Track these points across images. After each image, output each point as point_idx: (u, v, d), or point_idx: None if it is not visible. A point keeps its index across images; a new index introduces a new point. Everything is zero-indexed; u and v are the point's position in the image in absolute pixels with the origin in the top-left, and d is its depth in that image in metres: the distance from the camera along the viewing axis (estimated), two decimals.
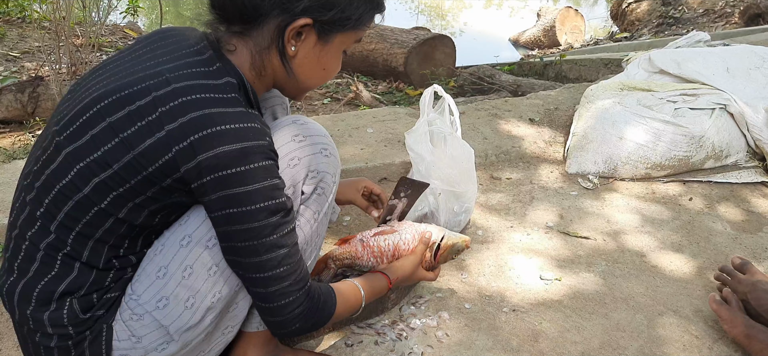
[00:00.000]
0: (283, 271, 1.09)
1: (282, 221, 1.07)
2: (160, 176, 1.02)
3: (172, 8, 8.70)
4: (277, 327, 1.16)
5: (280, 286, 1.10)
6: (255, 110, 1.13)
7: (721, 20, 6.86)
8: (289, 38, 1.11)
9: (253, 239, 1.05)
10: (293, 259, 1.11)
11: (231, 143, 0.99)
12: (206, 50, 1.10)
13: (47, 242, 1.05)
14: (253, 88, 1.13)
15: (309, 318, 1.16)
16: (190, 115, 0.99)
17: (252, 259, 1.07)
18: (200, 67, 1.06)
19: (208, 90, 1.02)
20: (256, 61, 1.13)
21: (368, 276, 1.39)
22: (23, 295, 1.08)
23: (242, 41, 1.12)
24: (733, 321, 1.50)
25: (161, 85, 1.01)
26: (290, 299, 1.12)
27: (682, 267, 1.90)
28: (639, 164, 2.40)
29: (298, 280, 1.12)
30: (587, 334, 1.58)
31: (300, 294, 1.13)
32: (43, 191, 1.05)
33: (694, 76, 2.62)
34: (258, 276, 1.09)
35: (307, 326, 1.17)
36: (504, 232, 2.04)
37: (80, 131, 1.02)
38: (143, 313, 1.11)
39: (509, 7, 12.47)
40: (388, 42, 4.64)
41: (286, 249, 1.09)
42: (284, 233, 1.08)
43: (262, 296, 1.12)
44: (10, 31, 4.62)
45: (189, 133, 0.98)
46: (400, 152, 2.32)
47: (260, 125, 1.05)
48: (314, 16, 1.09)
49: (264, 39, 1.11)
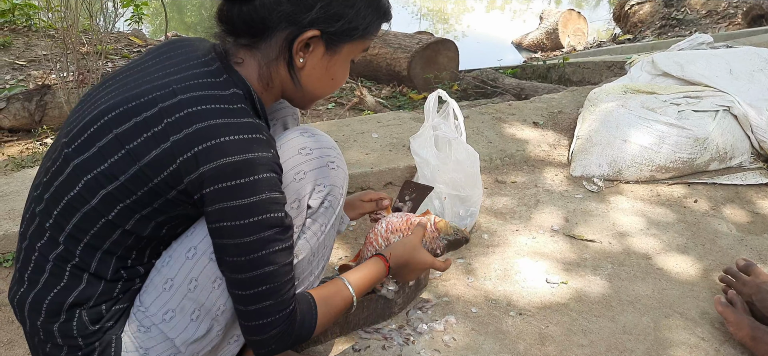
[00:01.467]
0: (266, 290, 1.07)
1: (276, 237, 1.05)
2: (166, 188, 1.02)
3: (177, 15, 8.74)
4: (254, 346, 1.15)
5: (261, 305, 1.08)
6: (262, 121, 1.12)
7: (724, 22, 6.86)
8: (297, 50, 1.11)
9: (242, 254, 1.04)
10: (280, 279, 1.08)
11: (234, 154, 0.99)
12: (214, 62, 1.09)
13: (56, 254, 1.06)
14: (260, 99, 1.13)
15: (286, 340, 1.14)
16: (195, 126, 0.99)
17: (237, 274, 1.06)
18: (207, 78, 1.06)
19: (215, 101, 1.02)
20: (263, 73, 1.13)
21: (359, 267, 1.36)
22: (33, 306, 1.08)
23: (250, 53, 1.12)
24: (738, 324, 1.51)
25: (168, 97, 1.01)
26: (269, 319, 1.10)
27: (688, 269, 1.91)
28: (643, 167, 2.40)
29: (280, 300, 1.09)
30: (594, 337, 1.58)
31: (280, 315, 1.10)
32: (51, 202, 1.05)
33: (698, 78, 2.62)
34: (240, 292, 1.08)
35: (284, 346, 1.15)
36: (509, 235, 2.05)
37: (88, 143, 1.02)
38: (150, 325, 1.12)
39: (512, 11, 12.49)
40: (391, 47, 4.66)
41: (275, 267, 1.07)
42: (276, 250, 1.06)
43: (241, 313, 1.10)
44: (16, 40, 4.65)
45: (193, 144, 0.98)
46: (405, 157, 2.33)
47: (266, 137, 1.04)
48: (322, 27, 1.09)
49: (272, 51, 1.11)
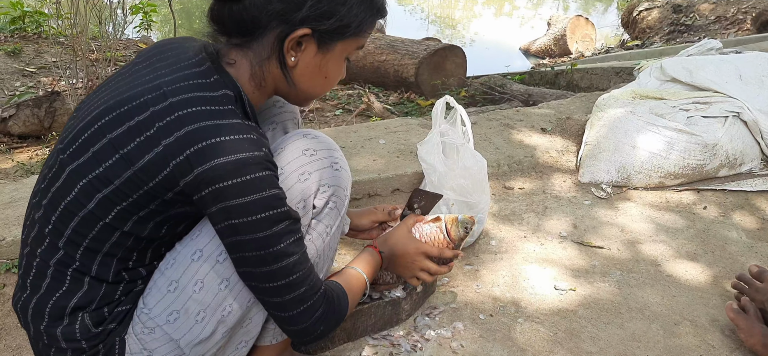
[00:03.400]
0: (296, 278, 1.09)
1: (288, 230, 1.07)
2: (161, 190, 1.02)
3: (186, 22, 8.79)
4: (302, 335, 1.16)
5: (297, 293, 1.10)
6: (252, 122, 1.12)
7: (733, 27, 6.82)
8: (289, 49, 1.11)
9: (260, 249, 1.05)
10: (304, 266, 1.11)
11: (226, 155, 0.99)
12: (204, 62, 1.10)
13: (57, 259, 1.07)
14: (250, 100, 1.13)
15: (330, 319, 1.17)
16: (186, 128, 0.99)
17: (262, 269, 1.07)
18: (198, 79, 1.06)
19: (205, 102, 1.02)
20: (256, 72, 1.13)
21: (359, 257, 1.41)
22: (36, 311, 1.09)
23: (242, 53, 1.12)
24: (750, 330, 1.49)
25: (159, 100, 1.01)
26: (308, 304, 1.12)
27: (697, 275, 1.89)
28: (652, 173, 2.39)
29: (312, 284, 1.13)
30: (603, 344, 1.57)
31: (317, 297, 1.13)
32: (49, 208, 1.06)
33: (707, 84, 2.61)
34: (271, 285, 1.09)
35: (330, 327, 1.18)
36: (517, 242, 2.04)
37: (82, 149, 1.03)
38: (154, 327, 1.12)
39: (519, 17, 12.48)
40: (399, 53, 4.66)
41: (296, 256, 1.09)
42: (292, 242, 1.08)
43: (278, 305, 1.11)
44: (26, 47, 4.69)
45: (185, 147, 0.99)
46: (412, 163, 2.33)
47: (257, 137, 1.05)
48: (313, 25, 1.09)
49: (264, 50, 1.12)
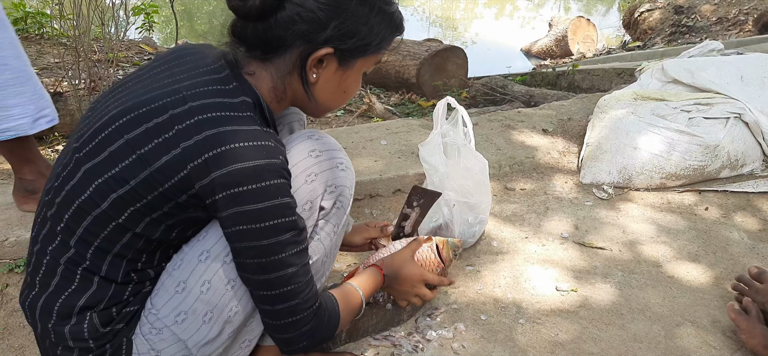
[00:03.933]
0: (291, 289, 1.10)
1: (292, 240, 1.08)
2: (176, 193, 1.03)
3: (187, 23, 8.81)
4: (285, 345, 1.18)
5: (289, 304, 1.11)
6: (271, 129, 1.14)
7: (735, 28, 6.82)
8: (311, 66, 1.13)
9: (261, 256, 1.06)
10: (302, 278, 1.11)
11: (244, 161, 1.00)
12: (223, 69, 1.11)
13: (67, 257, 1.07)
14: (269, 107, 1.15)
15: (316, 335, 1.17)
16: (206, 133, 1.00)
17: (260, 276, 1.08)
18: (217, 85, 1.07)
19: (224, 108, 1.04)
20: (277, 85, 1.15)
21: (362, 275, 1.41)
22: (44, 309, 1.10)
23: (262, 66, 1.13)
24: (751, 332, 1.49)
25: (178, 104, 1.02)
26: (298, 317, 1.13)
27: (699, 277, 1.89)
28: (654, 174, 2.39)
29: (306, 298, 1.13)
30: (604, 345, 1.57)
31: (308, 312, 1.14)
32: (63, 206, 1.07)
33: (708, 85, 2.61)
34: (266, 293, 1.10)
35: (314, 343, 1.18)
36: (519, 243, 2.04)
37: (99, 148, 1.04)
38: (162, 327, 1.13)
39: (521, 18, 12.49)
40: (400, 54, 4.67)
41: (295, 268, 1.10)
42: (294, 253, 1.09)
43: (269, 313, 1.13)
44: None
45: (204, 150, 1.00)
46: (414, 164, 2.33)
47: (274, 144, 1.06)
48: (336, 45, 1.11)
49: (285, 66, 1.13)
